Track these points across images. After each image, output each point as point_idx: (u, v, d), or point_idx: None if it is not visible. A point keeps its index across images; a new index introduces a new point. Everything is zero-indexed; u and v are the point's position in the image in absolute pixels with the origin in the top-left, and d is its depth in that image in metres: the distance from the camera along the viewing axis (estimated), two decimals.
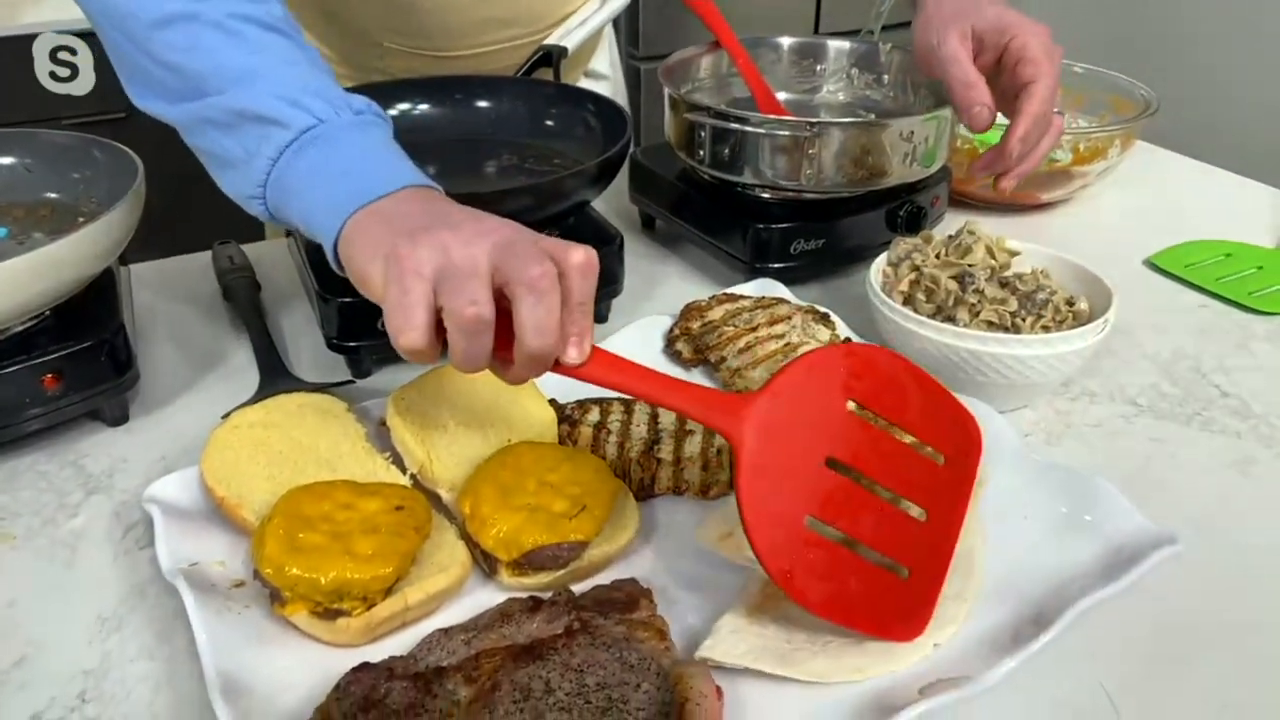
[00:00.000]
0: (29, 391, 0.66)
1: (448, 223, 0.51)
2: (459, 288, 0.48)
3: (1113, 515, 0.58)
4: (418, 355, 0.50)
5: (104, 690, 0.52)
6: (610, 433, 0.65)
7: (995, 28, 0.79)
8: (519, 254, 0.49)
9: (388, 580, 0.51)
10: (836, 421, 0.52)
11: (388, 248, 0.50)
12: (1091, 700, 0.51)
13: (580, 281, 0.50)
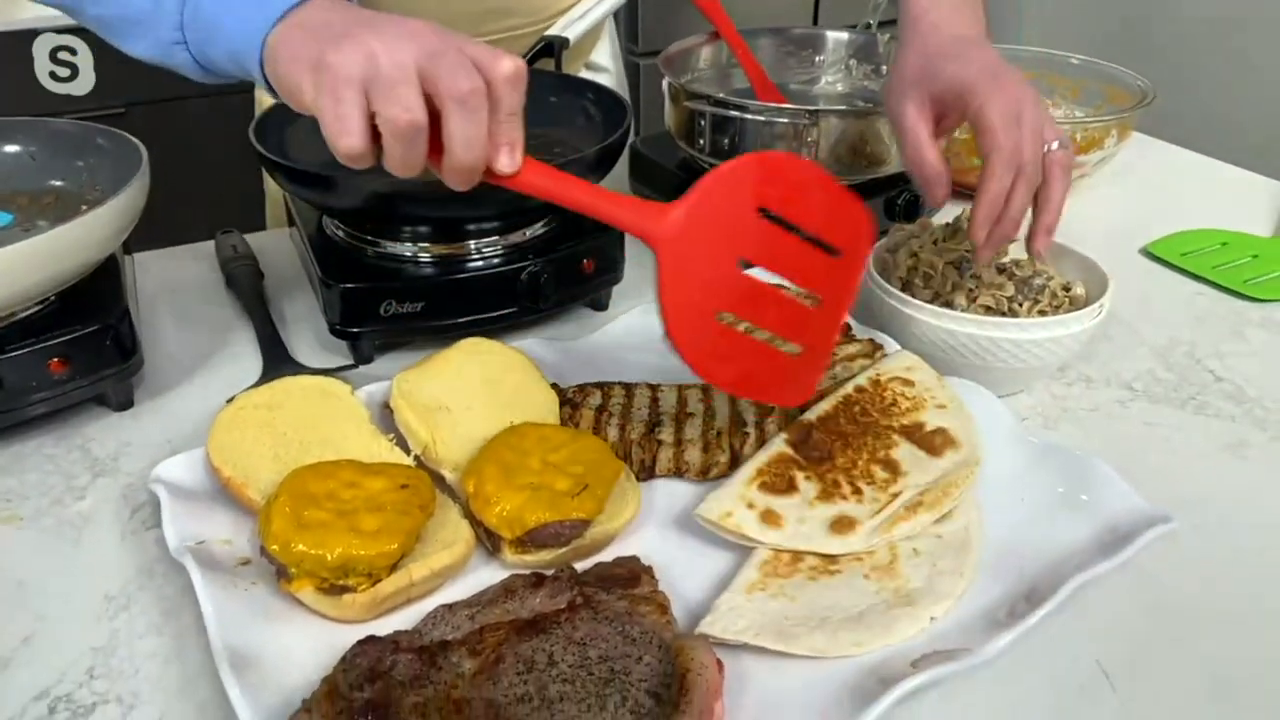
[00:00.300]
0: (35, 375, 0.66)
1: (372, 27, 0.51)
2: (391, 94, 0.49)
3: (1108, 495, 0.59)
4: (357, 159, 0.51)
5: (112, 666, 0.53)
6: (612, 416, 0.66)
7: (953, 91, 0.70)
8: (448, 65, 0.50)
9: (393, 556, 0.51)
10: (746, 226, 0.57)
11: (314, 57, 0.50)
12: (1088, 677, 0.52)
13: (509, 93, 0.51)
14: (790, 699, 0.48)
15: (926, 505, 0.56)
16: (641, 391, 0.69)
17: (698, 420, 0.65)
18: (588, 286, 0.82)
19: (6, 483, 0.66)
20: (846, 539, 0.55)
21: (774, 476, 0.57)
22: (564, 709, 0.44)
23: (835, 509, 0.56)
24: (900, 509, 0.56)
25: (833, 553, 0.54)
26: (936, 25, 0.75)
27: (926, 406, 0.63)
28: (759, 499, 0.56)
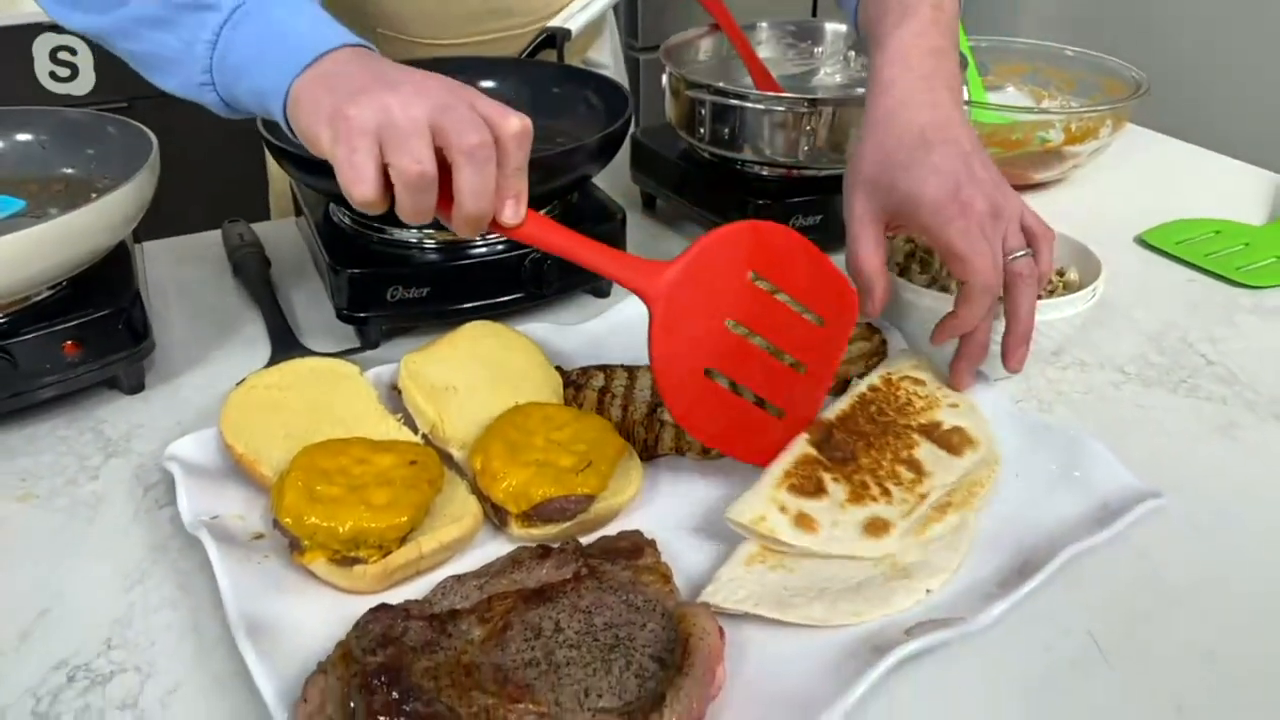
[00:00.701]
0: (49, 357, 0.68)
1: (387, 83, 0.53)
2: (403, 146, 0.51)
3: (1101, 471, 0.60)
4: (369, 206, 0.54)
5: (129, 638, 0.54)
6: (615, 397, 0.67)
7: (908, 209, 0.65)
8: (458, 119, 0.52)
9: (403, 529, 0.53)
10: (737, 289, 0.59)
11: (332, 109, 0.53)
12: (1081, 648, 0.53)
13: (515, 149, 0.54)
14: (789, 666, 0.50)
15: (955, 506, 0.57)
16: (644, 374, 0.70)
17: None
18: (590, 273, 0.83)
19: (22, 463, 0.67)
20: (881, 542, 0.55)
21: (802, 479, 0.57)
22: (570, 673, 0.46)
23: (867, 511, 0.56)
24: (930, 510, 0.57)
25: (870, 556, 0.54)
26: (898, 109, 0.67)
27: (940, 405, 0.64)
28: (790, 502, 0.56)
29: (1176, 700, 0.50)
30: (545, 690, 0.45)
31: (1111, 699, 0.50)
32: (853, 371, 0.69)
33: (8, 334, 0.66)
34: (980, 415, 0.64)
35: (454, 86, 0.55)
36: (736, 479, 0.63)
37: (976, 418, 0.63)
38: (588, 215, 0.83)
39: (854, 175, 0.69)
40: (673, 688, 0.44)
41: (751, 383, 0.61)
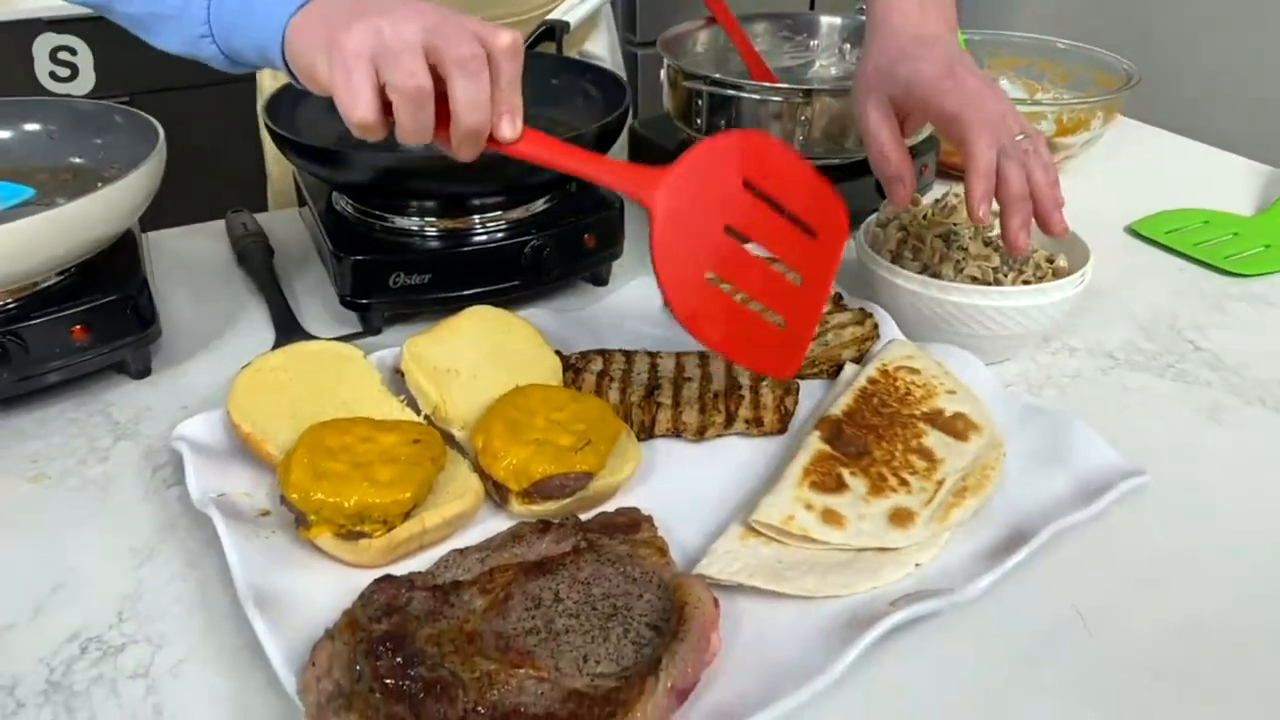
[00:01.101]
0: (59, 342, 0.69)
1: (378, 8, 0.54)
2: (397, 63, 0.52)
3: (1086, 451, 0.62)
4: (369, 129, 0.55)
5: (139, 611, 0.55)
6: (613, 380, 0.69)
7: (910, 91, 0.72)
8: (450, 35, 0.53)
9: (406, 505, 0.54)
10: (733, 196, 0.59)
11: (326, 38, 0.54)
12: (1066, 620, 0.55)
13: (508, 62, 0.55)
14: (781, 636, 0.51)
15: (971, 490, 0.58)
16: (641, 358, 0.71)
17: (695, 384, 0.68)
18: (589, 261, 0.85)
19: (33, 445, 0.68)
20: (908, 531, 0.55)
21: (822, 475, 0.58)
22: (570, 640, 0.47)
23: (889, 502, 0.57)
24: (949, 496, 0.58)
25: (898, 546, 0.55)
26: (898, 28, 0.76)
27: (938, 393, 0.65)
28: (815, 499, 0.56)
29: (1154, 668, 0.52)
30: (545, 656, 0.47)
31: (1092, 667, 0.52)
32: (845, 355, 0.70)
33: (18, 318, 0.67)
34: (977, 400, 0.65)
35: (445, 11, 0.55)
36: (730, 460, 0.64)
37: (975, 402, 0.65)
38: (586, 205, 0.85)
39: (861, 81, 0.76)
40: (668, 652, 0.45)
41: (751, 289, 0.60)
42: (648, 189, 0.58)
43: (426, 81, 0.53)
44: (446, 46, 0.53)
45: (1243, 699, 0.50)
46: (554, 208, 0.84)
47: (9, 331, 0.67)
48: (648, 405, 0.66)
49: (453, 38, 0.53)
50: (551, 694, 0.45)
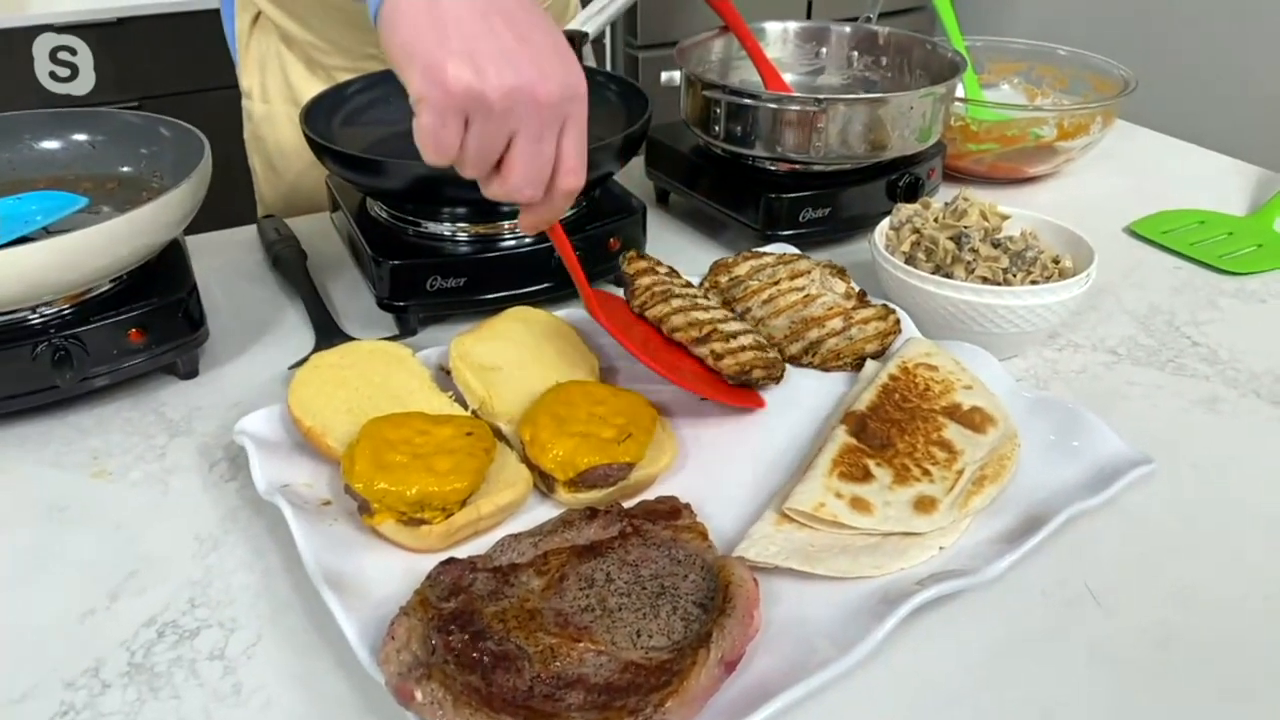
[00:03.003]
0: (117, 344, 0.72)
1: (495, 41, 0.51)
2: (483, 132, 0.52)
3: (1096, 440, 0.66)
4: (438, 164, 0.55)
5: (210, 596, 0.59)
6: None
7: None
8: (528, 158, 0.54)
9: (464, 493, 0.58)
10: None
11: (427, 57, 0.51)
12: (1077, 596, 0.59)
13: (560, 201, 0.58)
14: (817, 613, 0.55)
15: (990, 478, 0.62)
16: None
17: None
18: (614, 264, 0.88)
19: (93, 442, 0.72)
20: (932, 517, 0.59)
21: (849, 466, 0.61)
22: (623, 617, 0.51)
23: (914, 490, 0.60)
24: (969, 485, 0.61)
25: (922, 531, 0.58)
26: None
27: (955, 388, 0.69)
28: (844, 488, 0.60)
29: (1159, 638, 0.56)
30: (601, 631, 0.50)
31: (1102, 638, 0.56)
32: (869, 349, 0.74)
33: (77, 323, 0.71)
34: (992, 394, 0.69)
35: (555, 90, 0.52)
36: (762, 451, 0.68)
37: (990, 397, 0.68)
38: (610, 210, 0.88)
39: None
40: (717, 626, 0.49)
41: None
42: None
43: (499, 153, 0.54)
44: (517, 170, 0.54)
45: (1241, 664, 0.55)
46: (580, 214, 0.87)
47: (71, 336, 0.70)
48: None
49: (528, 163, 0.54)
50: (610, 665, 0.49)
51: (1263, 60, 2.10)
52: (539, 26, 0.53)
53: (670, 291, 0.74)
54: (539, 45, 0.53)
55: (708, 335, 0.71)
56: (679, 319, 0.72)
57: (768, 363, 0.72)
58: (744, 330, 0.74)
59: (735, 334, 0.72)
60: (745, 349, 0.71)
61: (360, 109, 0.95)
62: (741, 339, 0.72)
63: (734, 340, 0.71)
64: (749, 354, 0.70)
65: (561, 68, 0.53)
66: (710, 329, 0.71)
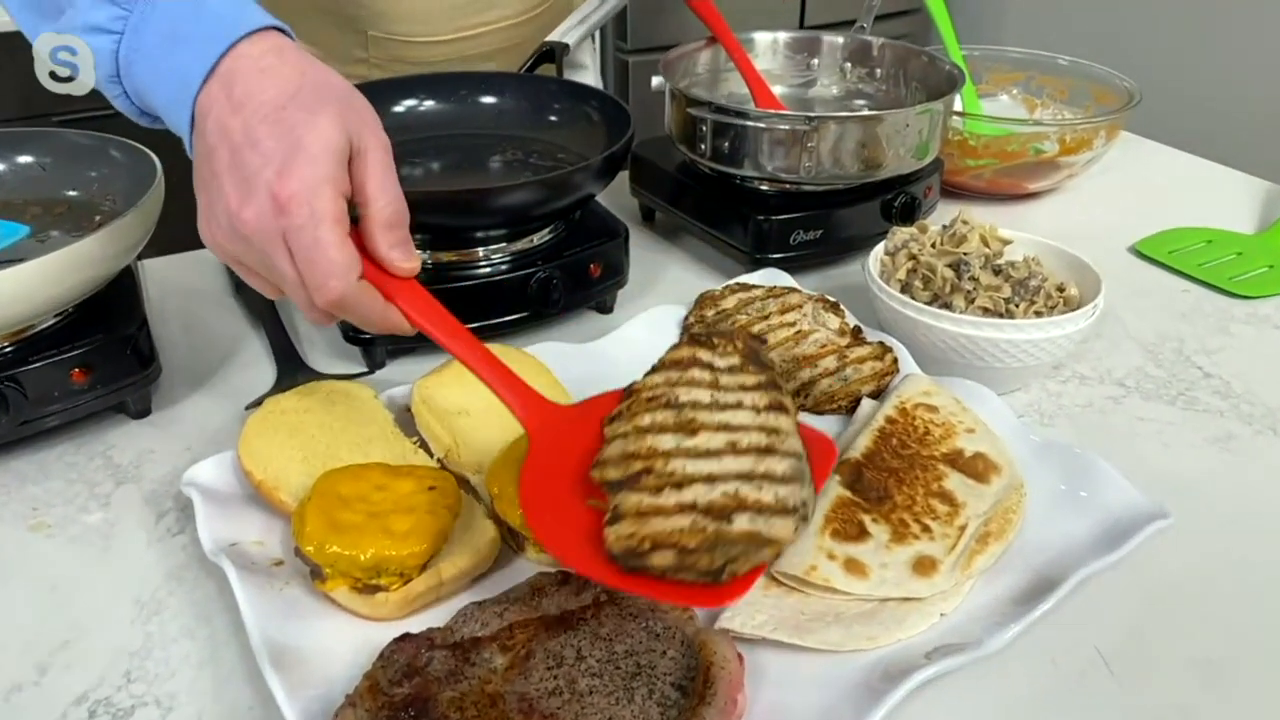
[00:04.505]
0: (58, 385, 0.67)
1: (217, 192, 0.52)
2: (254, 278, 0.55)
3: (1108, 491, 0.61)
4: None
5: (148, 669, 0.54)
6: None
7: None
8: (272, 279, 0.54)
9: (423, 556, 0.53)
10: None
11: (244, 173, 0.51)
12: (1087, 662, 0.54)
13: (350, 311, 0.54)
14: (808, 690, 0.50)
15: (994, 535, 0.57)
16: None
17: None
18: (594, 290, 0.84)
19: (32, 491, 0.67)
20: (932, 579, 0.54)
21: (843, 523, 0.57)
22: (594, 701, 0.46)
23: (912, 550, 0.56)
24: (971, 543, 0.57)
25: (922, 595, 0.54)
26: None
27: (957, 432, 0.64)
28: (837, 549, 0.55)
29: (1180, 709, 0.51)
30: (569, 719, 0.46)
31: (1117, 711, 0.51)
32: (864, 390, 0.70)
33: (15, 363, 0.66)
34: (996, 437, 0.64)
35: (249, 202, 0.51)
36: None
37: (994, 440, 0.64)
38: (591, 234, 0.84)
39: None
40: (695, 718, 0.45)
41: None
42: (528, 415, 0.55)
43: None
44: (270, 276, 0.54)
45: None
46: (559, 238, 0.83)
47: (7, 378, 0.65)
48: None
49: (266, 266, 0.53)
50: None
51: (1270, 68, 2.06)
52: (257, 147, 0.51)
53: (674, 400, 0.51)
54: (247, 173, 0.51)
55: (635, 476, 0.48)
56: (616, 448, 0.50)
57: (702, 541, 0.45)
58: (736, 476, 0.47)
59: (693, 481, 0.47)
60: (678, 511, 0.46)
61: None
62: (692, 492, 0.46)
63: (675, 493, 0.46)
64: (675, 521, 0.45)
65: (256, 195, 0.51)
66: (645, 467, 0.48)
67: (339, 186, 0.51)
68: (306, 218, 0.50)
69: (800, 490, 0.47)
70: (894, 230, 0.81)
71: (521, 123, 0.94)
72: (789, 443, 0.49)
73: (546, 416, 0.55)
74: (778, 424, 0.50)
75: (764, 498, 0.46)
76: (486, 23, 1.05)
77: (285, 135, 0.50)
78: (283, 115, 0.51)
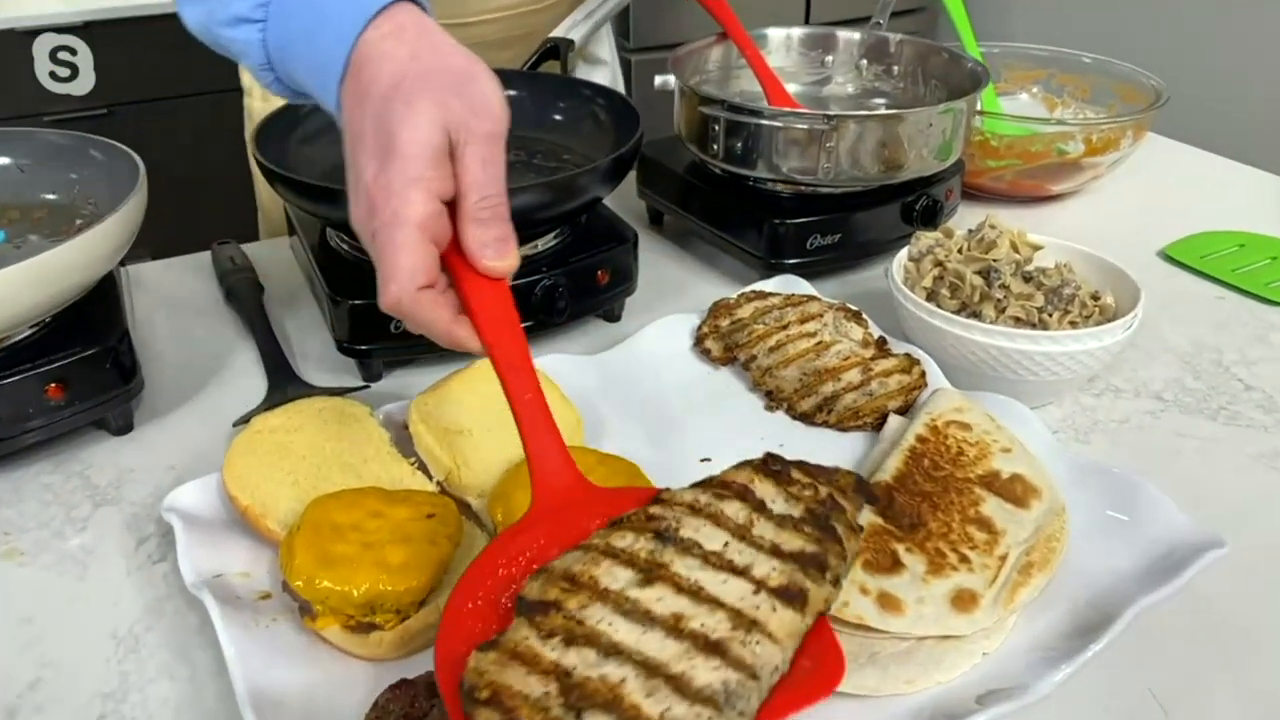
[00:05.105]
0: (32, 401, 0.63)
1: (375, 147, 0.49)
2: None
3: (1156, 517, 0.57)
4: None
5: (123, 713, 0.50)
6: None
7: None
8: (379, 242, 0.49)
9: (422, 591, 0.49)
10: None
11: (357, 170, 0.50)
12: (1140, 705, 0.50)
13: (404, 315, 0.50)
14: None
15: (1038, 565, 0.53)
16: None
17: None
18: (602, 298, 0.80)
19: (5, 514, 0.63)
20: (973, 616, 0.50)
21: (875, 553, 0.52)
22: None
23: (950, 583, 0.51)
24: (1014, 574, 0.53)
25: (962, 634, 0.49)
26: None
27: (993, 451, 0.60)
28: (870, 582, 0.50)
29: None
30: None
31: None
32: (891, 406, 0.65)
33: None
34: (1033, 457, 0.60)
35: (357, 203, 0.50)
36: None
37: (1031, 461, 0.60)
38: (598, 239, 0.80)
39: None
40: None
41: None
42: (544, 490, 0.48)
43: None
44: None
45: None
46: (564, 244, 0.78)
47: None
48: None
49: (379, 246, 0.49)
50: None
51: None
52: (363, 144, 0.50)
53: (671, 532, 0.44)
54: (358, 172, 0.50)
55: (545, 606, 0.41)
56: (567, 561, 0.43)
57: None
58: (641, 662, 0.38)
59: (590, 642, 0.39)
60: (542, 672, 0.38)
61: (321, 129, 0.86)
62: (577, 657, 0.39)
63: (560, 649, 0.39)
64: (528, 684, 0.38)
65: (360, 195, 0.50)
66: (560, 600, 0.41)
67: (430, 186, 0.48)
68: (389, 219, 0.47)
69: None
70: (918, 235, 0.77)
71: (524, 122, 0.89)
72: (756, 650, 0.38)
73: (564, 497, 0.48)
74: (765, 619, 0.39)
75: (645, 709, 0.35)
76: (491, 10, 1.01)
77: (383, 131, 0.49)
78: (387, 109, 0.49)
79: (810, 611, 0.40)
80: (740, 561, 0.41)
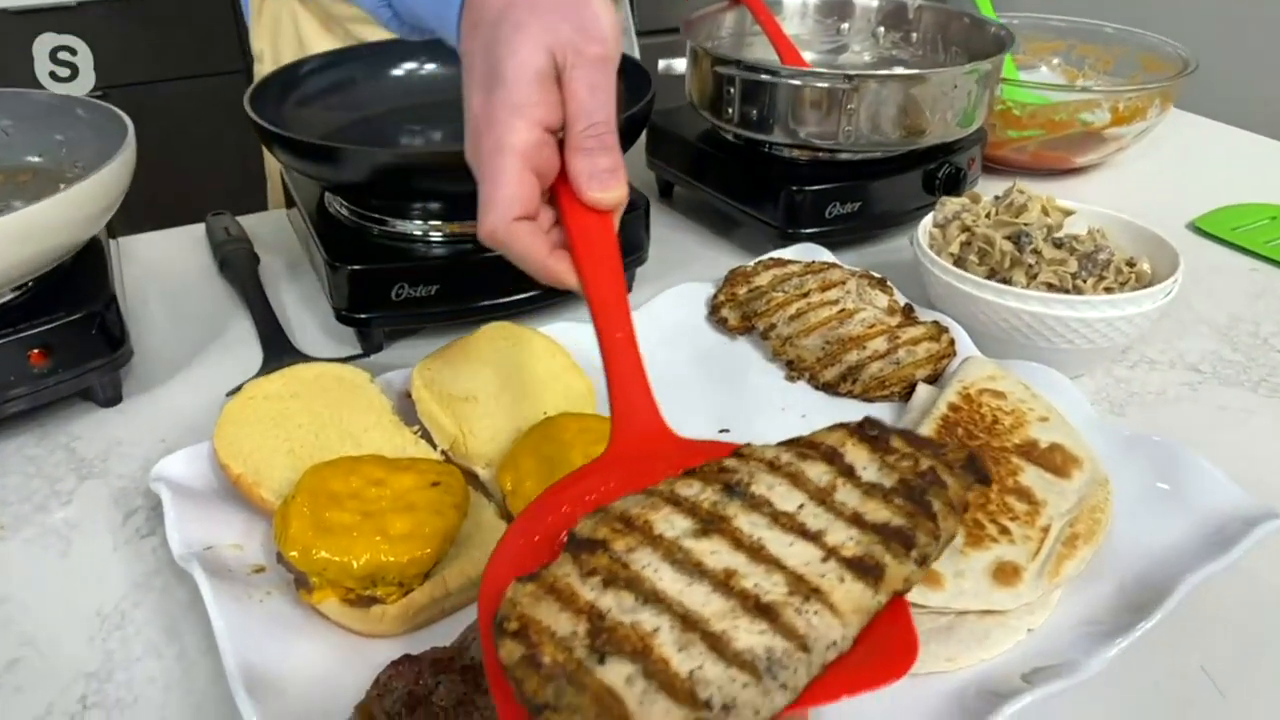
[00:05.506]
0: (14, 368, 0.60)
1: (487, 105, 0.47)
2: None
3: (1206, 488, 0.53)
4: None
5: (107, 693, 0.47)
6: None
7: None
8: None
9: (426, 563, 0.46)
10: None
11: (468, 100, 0.48)
12: (1194, 685, 0.47)
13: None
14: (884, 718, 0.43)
15: (1083, 537, 0.50)
16: None
17: None
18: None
19: None
20: (1016, 590, 0.47)
21: None
22: None
23: (991, 555, 0.48)
24: (1058, 546, 0.49)
25: (1005, 608, 0.46)
26: None
27: (1029, 420, 0.57)
28: None
29: None
30: None
31: None
32: (919, 375, 0.62)
33: None
34: (1072, 427, 0.57)
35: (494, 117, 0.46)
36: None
37: (1070, 430, 0.56)
38: None
39: None
40: None
41: None
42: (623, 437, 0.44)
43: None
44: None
45: None
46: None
47: None
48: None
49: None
50: None
51: None
52: (473, 73, 0.49)
53: (742, 485, 0.40)
54: (470, 102, 0.49)
55: (592, 544, 0.37)
56: (626, 505, 0.39)
57: (551, 666, 0.32)
58: (681, 614, 0.34)
59: (632, 587, 0.35)
60: (577, 610, 0.35)
61: (319, 91, 0.83)
62: (614, 600, 0.35)
63: (598, 589, 0.35)
64: (559, 620, 0.35)
65: (470, 124, 0.49)
66: (608, 540, 0.37)
67: (533, 115, 0.46)
68: (491, 147, 0.46)
69: (739, 687, 0.32)
70: (943, 200, 0.74)
71: None
72: (812, 620, 0.34)
73: (643, 444, 0.44)
74: (830, 588, 0.35)
75: (674, 664, 0.32)
76: None
77: (490, 58, 0.47)
78: (495, 35, 0.47)
79: (885, 589, 0.36)
80: (813, 526, 0.37)
